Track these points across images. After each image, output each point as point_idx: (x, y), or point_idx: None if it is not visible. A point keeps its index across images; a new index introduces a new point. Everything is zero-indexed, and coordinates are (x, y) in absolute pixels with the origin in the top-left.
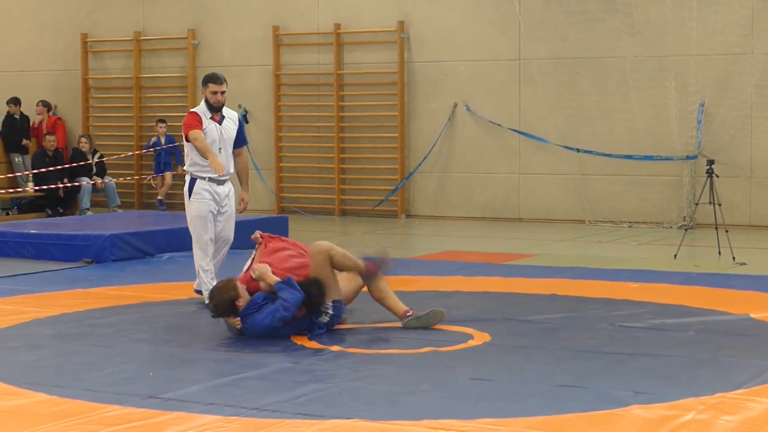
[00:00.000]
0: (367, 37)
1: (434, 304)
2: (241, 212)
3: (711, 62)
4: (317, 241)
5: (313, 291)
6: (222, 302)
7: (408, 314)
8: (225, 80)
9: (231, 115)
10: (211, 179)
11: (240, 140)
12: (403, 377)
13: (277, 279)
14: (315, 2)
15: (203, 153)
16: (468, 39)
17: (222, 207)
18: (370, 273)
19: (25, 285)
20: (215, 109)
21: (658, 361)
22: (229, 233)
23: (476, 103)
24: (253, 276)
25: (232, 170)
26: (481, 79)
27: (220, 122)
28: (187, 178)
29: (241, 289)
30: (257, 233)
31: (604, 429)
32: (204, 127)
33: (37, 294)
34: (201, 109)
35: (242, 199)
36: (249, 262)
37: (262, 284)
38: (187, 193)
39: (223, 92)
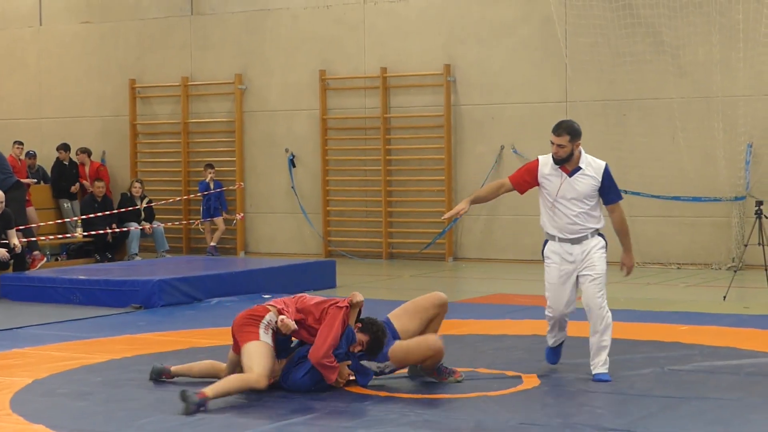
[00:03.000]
0: (413, 80)
1: (483, 347)
2: (626, 276)
3: (759, 103)
4: (440, 293)
5: (378, 332)
6: None
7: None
8: (567, 131)
9: (593, 167)
10: (561, 239)
11: (608, 195)
12: (452, 422)
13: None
14: (361, 46)
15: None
16: (515, 81)
17: (582, 269)
18: (429, 369)
19: (74, 331)
20: (560, 160)
21: (709, 405)
22: (592, 299)
23: (523, 146)
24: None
25: (587, 227)
26: (528, 121)
27: (570, 174)
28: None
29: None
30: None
31: None
32: (544, 175)
33: (86, 340)
34: (547, 158)
35: (623, 264)
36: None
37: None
38: (542, 256)
39: (559, 145)
